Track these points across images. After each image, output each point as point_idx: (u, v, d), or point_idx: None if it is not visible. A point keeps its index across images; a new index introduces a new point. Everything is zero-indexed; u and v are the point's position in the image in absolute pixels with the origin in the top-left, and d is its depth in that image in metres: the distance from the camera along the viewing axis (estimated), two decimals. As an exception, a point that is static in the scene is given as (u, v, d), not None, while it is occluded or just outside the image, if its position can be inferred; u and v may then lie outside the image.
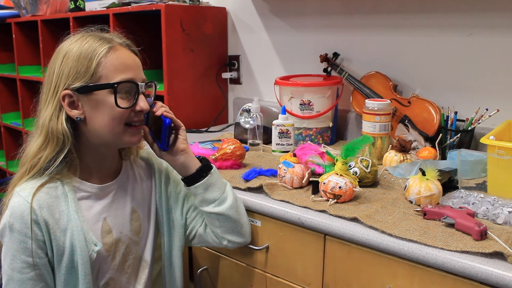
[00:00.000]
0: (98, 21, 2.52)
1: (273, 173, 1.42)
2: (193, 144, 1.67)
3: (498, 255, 0.94)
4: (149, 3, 2.15)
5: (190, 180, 1.17)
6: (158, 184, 1.24)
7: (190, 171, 1.17)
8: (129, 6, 2.22)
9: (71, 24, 2.53)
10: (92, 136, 1.05)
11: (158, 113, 1.13)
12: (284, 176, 1.34)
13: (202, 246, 1.47)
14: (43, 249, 1.02)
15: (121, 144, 1.10)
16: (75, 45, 1.03)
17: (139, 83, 1.06)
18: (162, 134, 1.15)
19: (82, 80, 1.01)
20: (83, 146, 1.07)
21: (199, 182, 1.16)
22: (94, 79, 1.01)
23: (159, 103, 1.17)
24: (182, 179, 1.19)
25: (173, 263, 1.26)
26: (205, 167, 1.18)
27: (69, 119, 1.03)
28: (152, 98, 1.13)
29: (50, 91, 1.03)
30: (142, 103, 1.06)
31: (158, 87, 1.20)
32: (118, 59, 1.03)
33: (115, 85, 1.02)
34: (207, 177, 1.16)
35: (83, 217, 1.07)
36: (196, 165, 1.17)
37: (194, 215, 1.27)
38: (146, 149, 1.25)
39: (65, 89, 1.01)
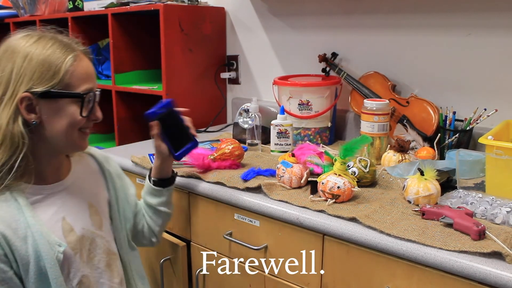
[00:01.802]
0: (96, 21, 2.54)
1: (271, 173, 1.42)
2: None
3: (496, 255, 0.94)
4: (148, 3, 2.15)
5: (167, 182, 1.35)
6: (108, 178, 1.26)
7: (168, 175, 1.35)
8: (128, 6, 2.22)
9: (69, 24, 2.53)
10: (46, 140, 1.05)
11: (193, 132, 1.31)
12: (283, 176, 1.34)
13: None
14: (6, 263, 0.99)
15: (74, 149, 1.13)
16: (36, 47, 1.01)
17: (97, 93, 1.09)
18: (184, 150, 1.30)
19: (46, 85, 1.00)
20: (37, 150, 1.05)
21: (172, 185, 1.37)
22: (60, 86, 1.01)
23: (186, 118, 1.33)
24: (155, 180, 1.34)
25: (134, 251, 1.31)
26: (175, 174, 1.39)
27: (25, 122, 1.01)
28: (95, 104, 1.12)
29: (8, 92, 0.99)
30: (98, 113, 1.11)
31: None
32: (83, 68, 1.05)
33: (84, 96, 1.04)
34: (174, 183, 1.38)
35: (41, 220, 1.04)
36: (170, 170, 1.36)
37: (138, 217, 1.37)
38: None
39: (25, 91, 0.99)
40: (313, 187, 1.31)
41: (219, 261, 1.47)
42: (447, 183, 1.32)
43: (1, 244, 0.98)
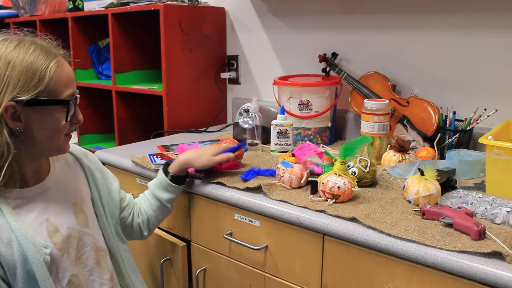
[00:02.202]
0: (97, 21, 2.54)
1: (271, 173, 1.42)
2: (193, 144, 1.67)
3: (497, 255, 0.94)
4: (148, 3, 2.15)
5: (183, 180, 1.41)
6: (89, 174, 1.26)
7: (184, 173, 1.41)
8: (128, 6, 2.22)
9: (69, 24, 2.53)
10: (31, 146, 1.04)
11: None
12: (283, 176, 1.34)
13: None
14: None
15: (58, 153, 1.13)
16: (17, 53, 0.99)
17: (78, 96, 1.09)
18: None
19: (31, 93, 0.98)
20: (20, 155, 1.04)
21: (184, 185, 1.43)
22: (45, 93, 1.00)
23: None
24: (173, 176, 1.37)
25: (124, 244, 1.31)
26: (188, 174, 1.45)
27: (11, 131, 1.00)
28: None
29: None
30: (80, 116, 1.12)
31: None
32: (65, 73, 1.05)
33: (70, 102, 1.04)
34: None
35: (24, 224, 1.03)
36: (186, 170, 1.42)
37: (126, 212, 1.37)
38: None
39: (10, 100, 0.97)
40: (313, 187, 1.31)
41: (219, 261, 1.47)
42: (447, 183, 1.32)
43: None
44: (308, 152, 1.38)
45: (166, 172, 1.38)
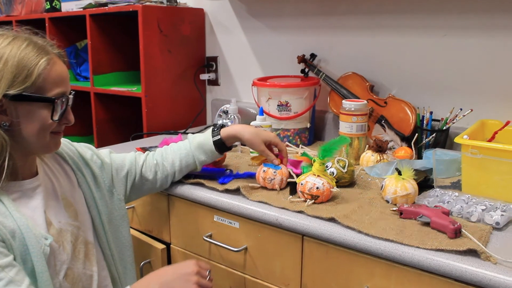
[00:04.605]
0: (74, 22, 2.51)
1: (249, 175, 1.42)
2: (177, 136, 1.65)
3: (472, 253, 0.96)
4: (126, 4, 2.14)
5: (225, 148, 1.40)
6: (76, 169, 1.24)
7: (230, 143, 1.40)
8: (106, 7, 2.20)
9: (47, 24, 2.50)
10: (19, 142, 1.04)
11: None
12: (274, 178, 1.33)
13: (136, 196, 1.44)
14: (5, 248, 0.98)
15: (46, 151, 1.12)
16: (10, 48, 0.99)
17: (70, 96, 1.08)
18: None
19: (18, 88, 0.98)
20: (13, 150, 1.04)
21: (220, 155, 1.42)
22: (32, 89, 1.00)
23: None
24: (220, 141, 1.37)
25: (120, 238, 1.30)
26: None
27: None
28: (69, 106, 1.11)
29: None
30: (70, 116, 1.10)
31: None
32: (56, 71, 1.04)
33: (56, 100, 1.03)
34: None
35: (25, 215, 1.04)
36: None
37: (137, 178, 1.36)
38: None
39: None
40: (292, 188, 1.31)
41: (199, 263, 1.46)
42: (425, 182, 1.33)
43: None
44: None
45: (214, 135, 1.38)
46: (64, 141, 1.25)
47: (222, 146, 1.38)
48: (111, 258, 1.26)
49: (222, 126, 1.40)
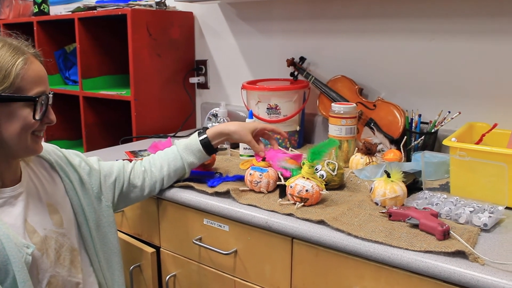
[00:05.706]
0: (63, 25, 2.50)
1: (238, 178, 1.42)
2: (166, 140, 1.64)
3: (460, 254, 0.96)
4: (115, 7, 2.13)
5: (213, 150, 1.42)
6: (64, 176, 1.23)
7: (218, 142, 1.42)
8: (95, 11, 2.20)
9: (35, 28, 2.49)
10: (1, 145, 1.03)
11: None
12: (260, 181, 1.33)
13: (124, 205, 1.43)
14: None
15: (28, 153, 1.10)
16: None
17: (50, 95, 1.08)
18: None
19: None
20: None
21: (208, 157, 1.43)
22: (11, 90, 0.99)
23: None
24: (206, 141, 1.38)
25: (108, 244, 1.29)
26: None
27: None
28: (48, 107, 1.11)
29: None
30: (52, 116, 1.10)
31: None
32: (34, 71, 1.03)
33: (36, 99, 1.02)
34: None
35: (6, 224, 1.02)
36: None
37: (125, 186, 1.35)
38: None
39: None
40: (282, 190, 1.31)
41: (190, 267, 1.46)
42: (413, 185, 1.34)
43: None
44: (277, 155, 1.38)
45: (200, 135, 1.39)
46: (53, 147, 1.25)
47: (209, 146, 1.39)
48: (98, 264, 1.25)
49: (206, 127, 1.42)
